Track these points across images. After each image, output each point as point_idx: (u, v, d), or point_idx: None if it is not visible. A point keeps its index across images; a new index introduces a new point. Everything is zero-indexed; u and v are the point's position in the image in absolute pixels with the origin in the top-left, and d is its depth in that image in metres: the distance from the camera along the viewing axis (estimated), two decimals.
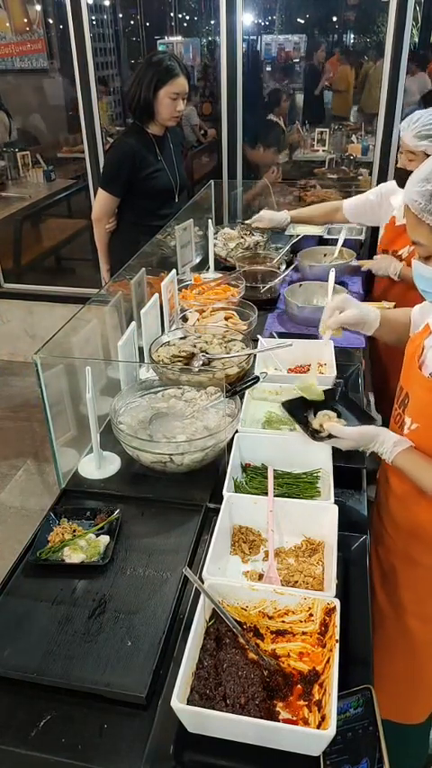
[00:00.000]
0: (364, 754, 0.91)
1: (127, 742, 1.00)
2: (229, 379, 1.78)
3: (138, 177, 2.85)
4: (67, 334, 1.76)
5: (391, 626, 1.55)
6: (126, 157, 2.84)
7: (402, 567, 1.52)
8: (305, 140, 5.12)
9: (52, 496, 1.57)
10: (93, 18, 4.19)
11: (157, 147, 2.90)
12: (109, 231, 3.04)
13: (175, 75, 2.73)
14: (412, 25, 3.31)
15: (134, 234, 2.93)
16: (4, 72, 5.18)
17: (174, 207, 3.00)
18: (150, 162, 2.87)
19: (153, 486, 1.56)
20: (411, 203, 1.23)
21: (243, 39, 3.64)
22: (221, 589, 1.11)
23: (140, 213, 2.95)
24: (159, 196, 2.94)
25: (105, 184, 2.91)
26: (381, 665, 1.25)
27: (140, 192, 2.89)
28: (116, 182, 2.88)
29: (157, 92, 2.74)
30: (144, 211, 2.94)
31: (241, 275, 2.53)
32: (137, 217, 2.96)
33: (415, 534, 1.47)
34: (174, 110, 2.79)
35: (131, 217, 2.98)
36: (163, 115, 2.81)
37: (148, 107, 2.78)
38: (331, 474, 1.41)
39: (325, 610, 1.07)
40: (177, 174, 3.00)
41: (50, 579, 1.30)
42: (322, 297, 2.45)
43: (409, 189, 1.24)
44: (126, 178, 2.85)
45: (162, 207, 2.96)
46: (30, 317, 4.57)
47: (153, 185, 2.90)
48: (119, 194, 2.90)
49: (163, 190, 2.94)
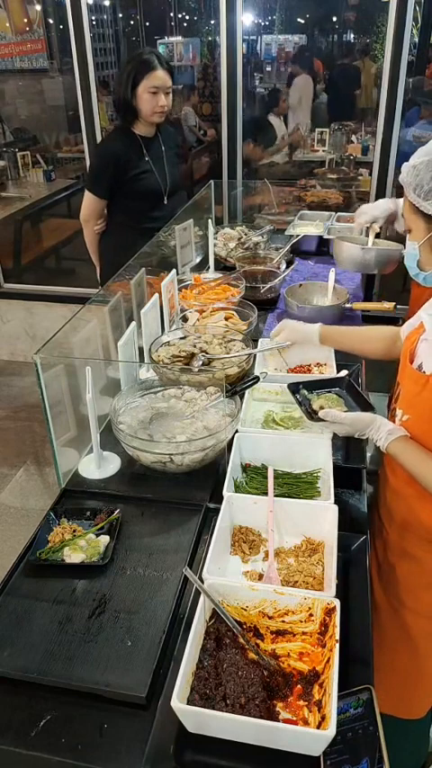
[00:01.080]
0: (364, 754, 0.91)
1: (127, 742, 1.00)
2: (229, 379, 1.78)
3: (123, 179, 2.79)
4: (67, 335, 1.76)
5: (388, 620, 1.55)
6: (109, 159, 2.79)
7: (398, 560, 1.53)
8: (305, 140, 5.12)
9: (52, 496, 1.57)
10: (93, 18, 4.19)
11: (145, 147, 2.83)
12: (98, 232, 3.00)
13: (152, 68, 2.64)
14: (412, 25, 3.31)
15: (124, 236, 2.90)
16: (4, 72, 5.18)
17: (164, 209, 2.94)
18: (136, 163, 2.80)
19: (153, 486, 1.56)
20: (400, 176, 1.31)
21: (243, 39, 3.64)
22: (221, 589, 1.11)
23: (129, 215, 2.90)
24: (147, 198, 2.88)
25: (90, 186, 2.87)
26: (380, 659, 1.26)
27: (127, 193, 2.84)
28: (100, 183, 2.83)
29: (135, 87, 2.67)
30: (133, 213, 2.89)
31: (241, 275, 2.53)
32: (126, 218, 2.91)
33: (409, 526, 1.48)
34: (155, 104, 2.70)
35: (121, 218, 2.93)
36: (145, 111, 2.72)
37: (129, 104, 2.71)
38: (331, 474, 1.41)
39: (325, 610, 1.07)
40: (167, 176, 2.91)
41: (50, 579, 1.30)
42: (322, 297, 2.45)
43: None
44: (110, 180, 2.79)
45: (152, 209, 2.90)
46: (30, 317, 4.57)
47: (139, 187, 2.83)
48: (104, 196, 2.86)
49: (150, 192, 2.87)
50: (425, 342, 1.39)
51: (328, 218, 3.27)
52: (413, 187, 1.28)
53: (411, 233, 1.36)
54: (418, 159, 1.29)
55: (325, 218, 3.27)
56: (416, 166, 1.28)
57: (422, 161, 1.27)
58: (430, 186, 1.24)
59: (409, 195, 1.30)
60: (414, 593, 1.51)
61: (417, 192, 1.27)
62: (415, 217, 1.31)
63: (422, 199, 1.26)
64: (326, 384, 1.65)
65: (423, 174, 1.26)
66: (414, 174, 1.28)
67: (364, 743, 0.92)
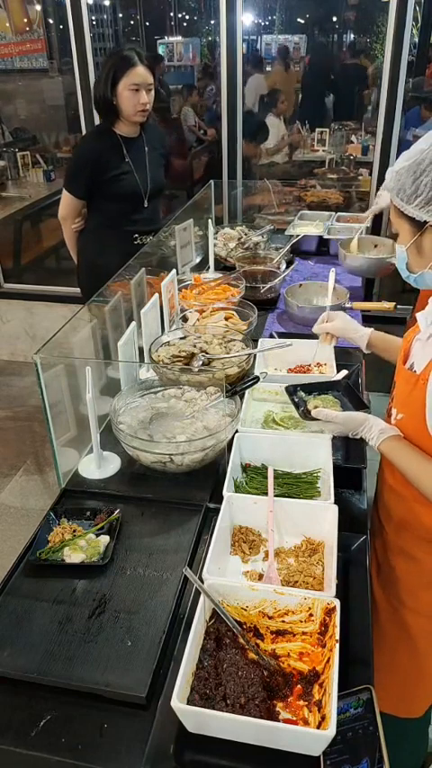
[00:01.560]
0: (364, 754, 0.91)
1: (127, 742, 1.00)
2: (229, 379, 1.78)
3: (101, 180, 2.71)
4: (67, 335, 1.76)
5: (388, 620, 1.56)
6: (86, 158, 2.73)
7: (397, 560, 1.53)
8: (305, 140, 5.12)
9: (52, 496, 1.57)
10: (93, 18, 4.19)
11: (126, 148, 2.74)
12: (77, 231, 2.94)
13: (132, 64, 2.55)
14: (412, 25, 3.31)
15: (102, 237, 2.85)
16: (4, 72, 5.18)
17: (144, 212, 2.85)
18: (115, 164, 2.71)
19: (153, 486, 1.56)
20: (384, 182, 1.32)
21: (243, 39, 3.64)
22: (221, 589, 1.11)
23: (108, 216, 2.82)
24: (125, 200, 2.79)
25: (67, 185, 2.80)
26: (379, 659, 1.26)
27: (105, 194, 2.77)
28: (76, 183, 2.76)
29: (115, 85, 2.58)
30: (111, 215, 2.81)
31: (241, 275, 2.53)
32: (104, 219, 2.84)
33: (407, 526, 1.48)
34: (137, 102, 2.60)
35: (99, 219, 2.86)
36: (126, 110, 2.63)
37: (110, 103, 2.63)
38: (331, 474, 1.42)
39: (325, 610, 1.07)
40: (148, 178, 2.81)
41: (50, 579, 1.30)
42: (322, 297, 2.45)
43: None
44: (87, 180, 2.73)
45: (131, 211, 2.82)
46: (30, 317, 4.57)
47: (118, 189, 2.75)
48: (81, 196, 2.79)
49: (129, 194, 2.78)
50: (418, 341, 1.40)
51: (328, 218, 3.27)
52: (396, 191, 1.30)
53: (399, 237, 1.37)
54: (399, 165, 1.32)
55: (325, 218, 3.28)
56: (398, 171, 1.30)
57: (403, 166, 1.29)
58: (412, 190, 1.26)
59: (393, 200, 1.32)
60: (413, 592, 1.51)
61: (400, 196, 1.29)
62: (401, 221, 1.33)
63: (405, 203, 1.28)
64: (323, 386, 1.67)
65: (404, 178, 1.28)
66: (396, 179, 1.30)
67: (364, 743, 0.92)
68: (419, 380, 1.33)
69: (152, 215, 2.90)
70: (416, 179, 1.25)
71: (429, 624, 1.51)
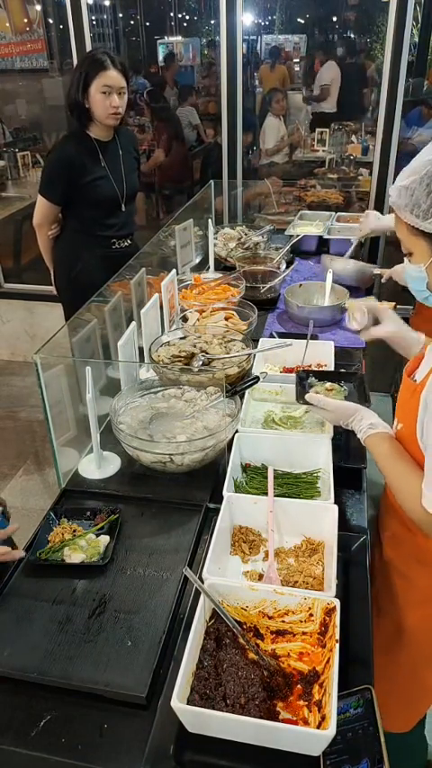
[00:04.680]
0: (364, 754, 0.91)
1: (127, 742, 1.00)
2: (229, 379, 1.78)
3: (78, 185, 2.66)
4: (67, 335, 1.76)
5: (387, 625, 1.54)
6: (61, 163, 2.67)
7: (397, 563, 1.52)
8: (305, 140, 5.12)
9: (52, 496, 1.57)
10: (93, 18, 4.19)
11: (101, 152, 2.69)
12: (52, 238, 2.88)
13: (104, 67, 2.52)
14: (412, 25, 3.31)
15: (78, 242, 2.80)
16: (4, 72, 5.18)
17: (120, 216, 2.81)
18: (91, 169, 2.67)
19: (153, 486, 1.56)
20: (390, 200, 1.25)
21: (243, 39, 3.64)
22: (221, 589, 1.11)
23: (84, 222, 2.77)
24: (103, 205, 2.74)
25: (43, 191, 2.72)
26: (378, 660, 1.25)
27: (82, 200, 2.71)
28: (52, 188, 2.70)
29: (87, 88, 2.55)
30: (88, 220, 2.76)
31: (241, 275, 2.53)
32: (80, 225, 2.78)
33: (400, 541, 1.47)
34: (108, 105, 2.56)
35: (75, 224, 2.80)
36: (98, 113, 2.59)
37: (82, 106, 2.59)
38: (331, 474, 1.42)
39: (325, 610, 1.07)
40: (124, 182, 2.76)
41: (50, 579, 1.30)
42: (322, 297, 2.45)
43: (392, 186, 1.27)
44: (63, 185, 2.67)
45: (108, 216, 2.77)
46: (30, 317, 4.57)
47: (97, 194, 2.70)
48: (57, 201, 2.72)
49: (106, 198, 2.73)
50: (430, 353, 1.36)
51: (328, 218, 3.28)
52: (410, 208, 1.19)
53: (414, 256, 1.26)
54: (408, 179, 1.21)
55: (325, 218, 3.28)
56: (408, 187, 1.20)
57: (413, 179, 1.20)
58: (429, 203, 1.16)
59: (404, 217, 1.22)
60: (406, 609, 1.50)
61: (414, 212, 1.19)
62: (415, 239, 1.23)
63: (421, 219, 1.18)
64: (336, 377, 1.68)
65: (418, 192, 1.18)
66: (408, 195, 1.20)
67: (364, 743, 0.92)
68: (417, 389, 1.30)
69: (128, 219, 2.87)
70: (430, 192, 1.16)
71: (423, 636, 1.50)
